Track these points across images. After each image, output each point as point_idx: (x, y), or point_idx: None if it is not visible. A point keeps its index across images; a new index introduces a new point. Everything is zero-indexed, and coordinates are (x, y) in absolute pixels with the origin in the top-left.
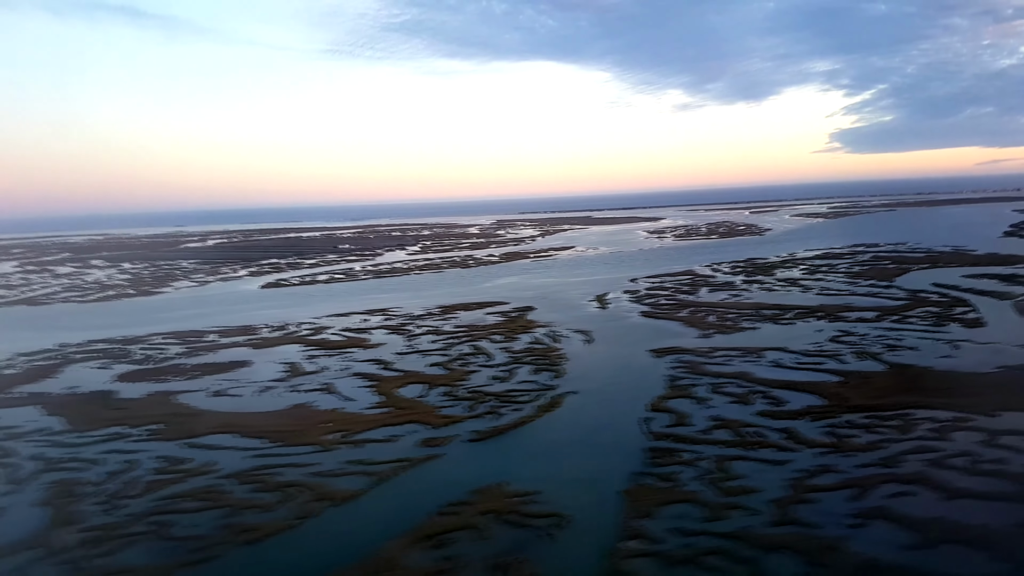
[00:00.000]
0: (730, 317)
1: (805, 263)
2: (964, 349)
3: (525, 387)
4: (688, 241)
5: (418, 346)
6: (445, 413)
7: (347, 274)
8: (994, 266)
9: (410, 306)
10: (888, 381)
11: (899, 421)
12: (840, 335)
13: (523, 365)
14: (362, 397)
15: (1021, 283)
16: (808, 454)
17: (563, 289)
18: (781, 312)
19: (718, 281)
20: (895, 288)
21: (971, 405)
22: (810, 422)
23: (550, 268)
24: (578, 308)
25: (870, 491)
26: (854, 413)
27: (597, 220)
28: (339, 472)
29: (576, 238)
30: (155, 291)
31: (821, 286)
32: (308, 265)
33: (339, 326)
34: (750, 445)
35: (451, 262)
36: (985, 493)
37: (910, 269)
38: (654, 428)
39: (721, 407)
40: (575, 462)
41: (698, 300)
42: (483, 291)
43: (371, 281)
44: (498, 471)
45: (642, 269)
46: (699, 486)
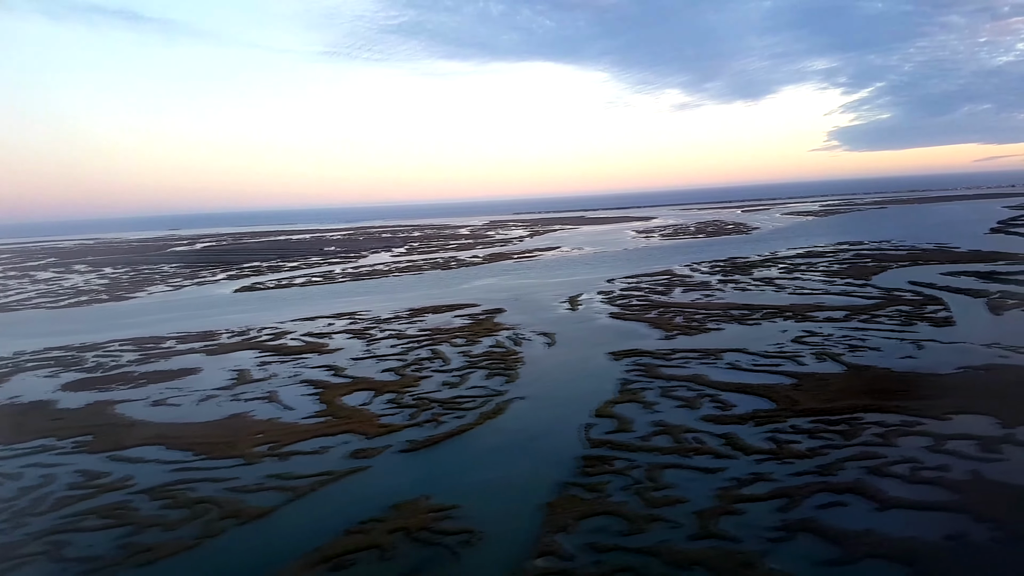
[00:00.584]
0: (697, 318)
1: (785, 262)
2: (928, 349)
3: (474, 393)
4: (674, 240)
5: (376, 351)
6: (384, 422)
7: (325, 277)
8: (975, 263)
9: (380, 309)
10: (843, 383)
11: (846, 426)
12: (804, 335)
13: (478, 370)
14: (303, 406)
15: (998, 280)
16: (745, 461)
17: (538, 290)
18: (750, 312)
19: (694, 281)
20: (870, 287)
21: (924, 408)
22: (754, 427)
23: (531, 269)
24: (548, 310)
25: (801, 502)
26: (801, 417)
27: (589, 220)
28: (256, 487)
29: (564, 238)
30: (128, 296)
31: (796, 285)
32: (289, 268)
33: (301, 331)
34: (687, 452)
35: (433, 264)
36: (920, 503)
37: (889, 267)
38: (594, 435)
39: (667, 412)
40: (505, 472)
41: (670, 301)
42: (458, 293)
43: (348, 284)
44: (423, 484)
45: (622, 269)
46: (625, 497)
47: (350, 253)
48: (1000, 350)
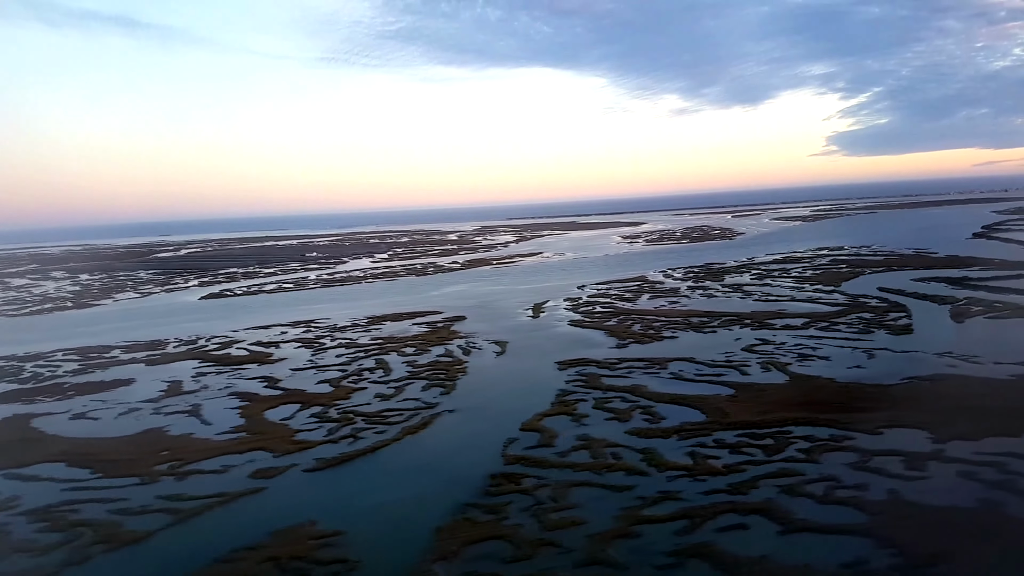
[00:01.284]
0: (656, 326)
1: (759, 268)
2: (879, 358)
3: (405, 406)
4: (657, 246)
5: (320, 361)
6: (300, 439)
7: (297, 283)
8: (949, 269)
9: (341, 317)
10: (782, 394)
11: (772, 440)
12: (757, 344)
13: (418, 381)
14: (223, 420)
15: (968, 286)
16: (658, 479)
17: (506, 297)
18: (709, 320)
19: (664, 288)
20: (838, 293)
21: (857, 422)
22: (677, 441)
23: (506, 275)
24: (510, 317)
25: (703, 524)
26: (728, 431)
27: (580, 225)
28: (141, 510)
29: (549, 244)
30: (93, 303)
31: (764, 292)
32: (264, 274)
33: (252, 339)
34: (602, 469)
35: (411, 270)
36: (827, 526)
37: (863, 273)
38: (513, 450)
39: (596, 425)
40: (407, 493)
41: (634, 308)
42: (425, 300)
43: (318, 291)
44: (315, 507)
45: (596, 275)
46: (523, 519)
47: (331, 259)
48: (952, 359)
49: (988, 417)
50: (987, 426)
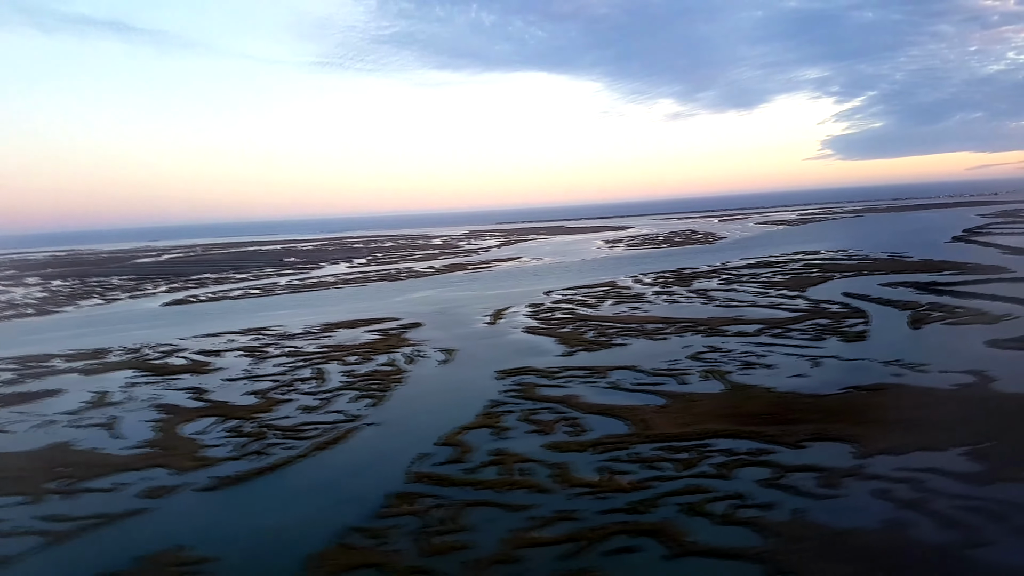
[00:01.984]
0: (610, 332)
1: (730, 272)
2: (824, 367)
3: (326, 419)
4: (637, 250)
5: (258, 371)
6: (204, 455)
7: (265, 289)
8: (920, 273)
9: (296, 324)
10: (713, 405)
11: (688, 454)
12: (705, 351)
13: (349, 392)
14: (135, 434)
15: (935, 291)
16: (561, 497)
17: (471, 303)
18: (665, 326)
19: (630, 293)
20: (801, 299)
21: (782, 434)
22: (592, 455)
23: (476, 280)
24: (467, 324)
25: (592, 546)
26: (648, 444)
27: (567, 230)
28: (14, 531)
29: (530, 248)
30: (55, 310)
31: (728, 297)
32: (235, 280)
33: (197, 348)
34: (505, 486)
35: (384, 275)
36: (719, 549)
37: (832, 277)
38: (420, 467)
39: (516, 439)
40: (294, 516)
41: (594, 314)
42: (388, 306)
43: (283, 297)
44: (193, 530)
45: (566, 280)
46: (406, 543)
47: (308, 264)
48: (898, 368)
49: (919, 430)
50: (915, 439)
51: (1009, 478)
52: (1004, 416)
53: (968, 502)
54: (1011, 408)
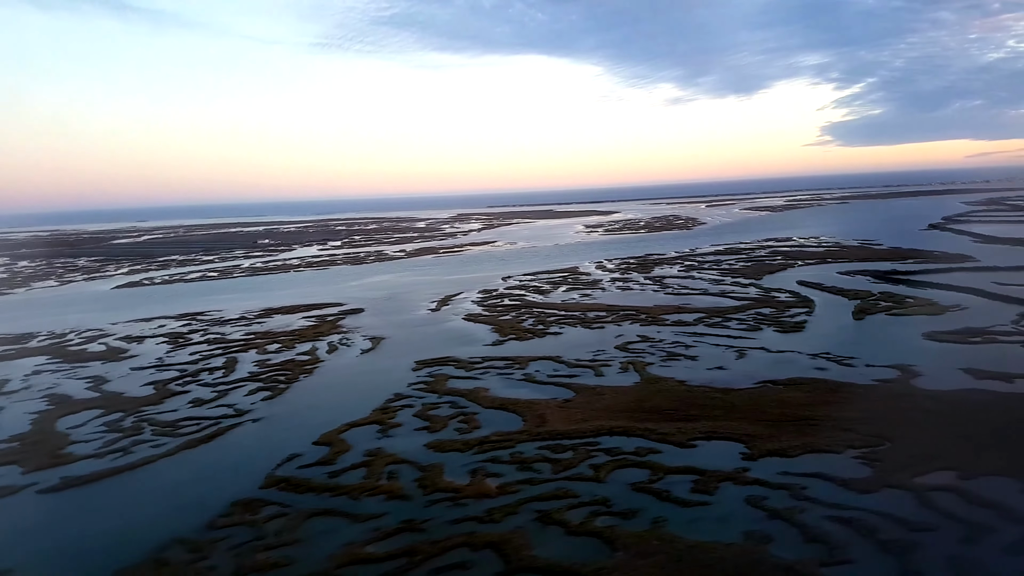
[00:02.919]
0: (549, 320)
1: (694, 259)
2: (748, 359)
3: (213, 413)
4: (614, 236)
5: (170, 359)
6: (69, 451)
7: (223, 272)
8: (884, 261)
9: (236, 309)
10: (618, 399)
11: (573, 453)
12: (636, 341)
13: (252, 383)
14: (10, 428)
15: (891, 280)
16: (417, 504)
17: (423, 288)
18: (607, 314)
19: (588, 279)
20: (754, 287)
21: (675, 432)
22: (472, 455)
23: (441, 265)
24: (410, 311)
25: (424, 563)
26: (536, 441)
27: (555, 214)
28: None
29: (510, 232)
30: (7, 292)
31: (682, 285)
32: (199, 262)
33: (123, 333)
34: (363, 492)
35: (351, 258)
36: (557, 565)
37: (794, 265)
38: (283, 470)
39: (400, 436)
40: (122, 523)
41: (542, 301)
42: (340, 291)
43: (238, 280)
44: (6, 539)
45: (530, 266)
46: (226, 559)
47: (281, 246)
48: (824, 361)
49: (819, 429)
50: (812, 440)
51: (894, 485)
52: (913, 415)
53: (842, 512)
54: (924, 407)
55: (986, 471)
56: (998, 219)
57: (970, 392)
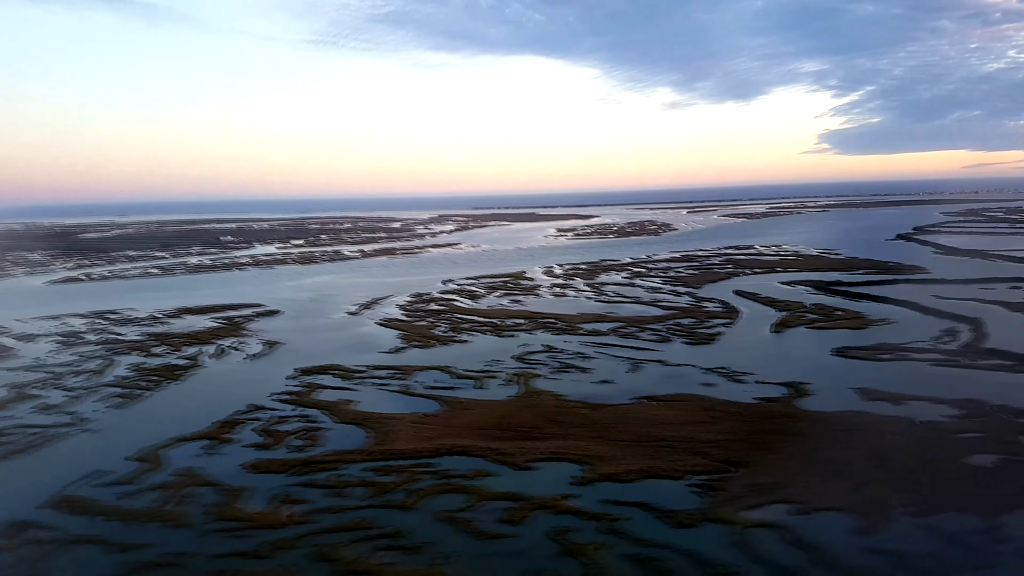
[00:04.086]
0: (464, 327)
1: (645, 266)
2: (641, 372)
3: (48, 421)
4: (581, 240)
5: (50, 360)
6: None
7: (165, 269)
8: (834, 272)
9: (150, 308)
10: (484, 414)
11: (397, 476)
12: (539, 351)
13: (113, 388)
14: None
15: (831, 292)
16: (194, 533)
17: (355, 290)
18: (526, 322)
19: (528, 285)
20: (689, 296)
21: (521, 452)
22: (288, 477)
23: (391, 266)
24: (327, 314)
25: None
26: (369, 462)
27: (537, 217)
28: None
29: (480, 235)
30: None
31: (618, 292)
32: (150, 258)
33: (20, 331)
34: (144, 518)
35: (304, 258)
36: None
37: (742, 273)
38: (79, 488)
39: (225, 454)
40: None
41: (468, 307)
42: (270, 291)
43: (176, 278)
44: None
45: (479, 269)
46: None
47: (241, 244)
48: (717, 377)
49: (669, 452)
50: (656, 464)
51: (718, 519)
52: (777, 438)
53: (644, 550)
54: (794, 429)
55: (825, 504)
56: (968, 230)
57: (851, 414)
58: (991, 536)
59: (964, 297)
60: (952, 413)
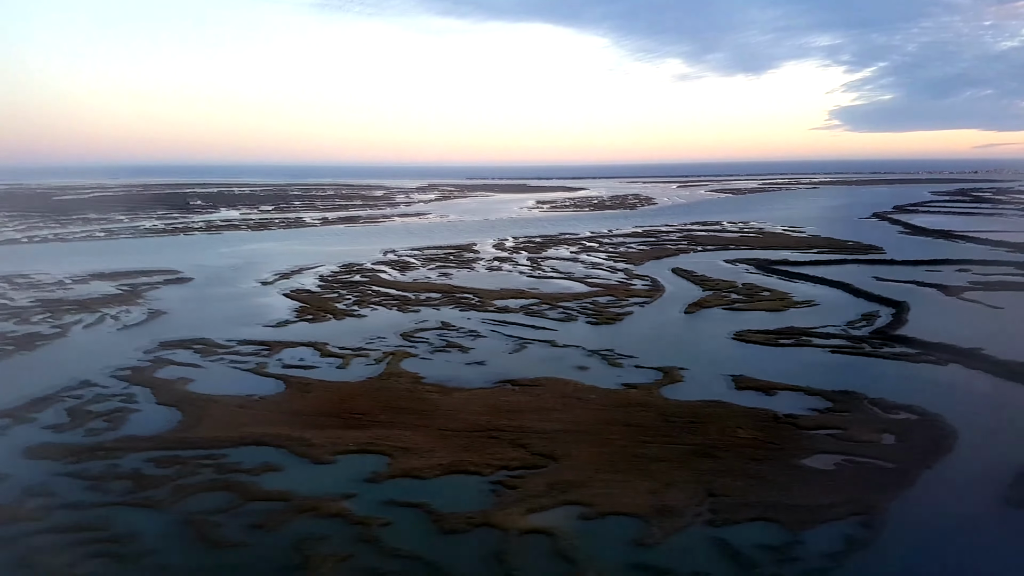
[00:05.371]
0: (373, 301)
1: (599, 240)
2: (522, 353)
3: None
4: (555, 213)
5: None
6: None
7: (111, 232)
8: (787, 250)
9: (63, 272)
10: (319, 398)
11: (179, 468)
12: (432, 328)
13: None
14: None
15: (770, 271)
16: None
17: (284, 258)
18: (440, 296)
19: (468, 258)
20: (624, 272)
21: (329, 443)
22: (61, 465)
23: (342, 235)
24: (238, 283)
25: None
26: (155, 451)
27: (526, 188)
28: None
29: (457, 205)
30: None
31: (555, 267)
32: (110, 221)
33: None
34: None
35: (261, 223)
36: None
37: (693, 250)
38: None
39: (19, 435)
40: None
41: (390, 279)
42: (200, 257)
43: (118, 241)
44: None
45: (429, 239)
46: None
47: (207, 208)
48: (597, 360)
49: (493, 444)
50: (468, 457)
51: (493, 524)
52: (614, 430)
53: (387, 564)
54: (640, 419)
55: (617, 508)
56: (949, 210)
57: (707, 404)
58: (785, 553)
59: (904, 279)
60: (818, 407)
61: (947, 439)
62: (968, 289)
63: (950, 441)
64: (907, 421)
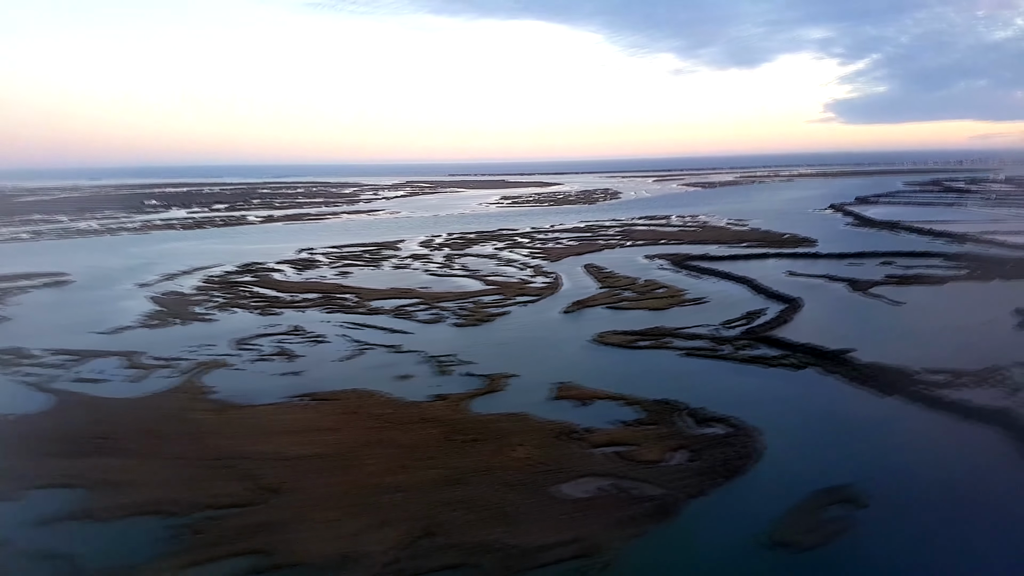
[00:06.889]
0: (239, 303)
1: (536, 236)
2: (357, 360)
3: None
4: (511, 208)
5: None
6: None
7: (36, 234)
8: (717, 244)
9: None
10: (70, 418)
11: None
12: (279, 333)
13: None
14: None
15: (686, 267)
16: None
17: (185, 259)
18: (319, 296)
19: (383, 256)
20: (532, 270)
21: (35, 474)
22: None
23: (269, 233)
24: (115, 286)
25: None
26: None
27: (503, 184)
28: None
29: (417, 202)
30: None
31: (465, 266)
32: (47, 223)
33: None
34: None
35: (196, 223)
36: None
37: (619, 246)
38: None
39: None
40: None
41: (281, 280)
42: (100, 258)
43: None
44: None
45: (358, 238)
46: None
47: (160, 207)
48: (425, 367)
49: (221, 475)
50: (180, 494)
51: None
52: (380, 451)
53: None
54: (420, 439)
55: (305, 556)
56: (910, 201)
57: (505, 417)
58: None
59: (818, 273)
60: (628, 418)
61: (745, 459)
62: (880, 284)
63: (747, 462)
64: (713, 436)
